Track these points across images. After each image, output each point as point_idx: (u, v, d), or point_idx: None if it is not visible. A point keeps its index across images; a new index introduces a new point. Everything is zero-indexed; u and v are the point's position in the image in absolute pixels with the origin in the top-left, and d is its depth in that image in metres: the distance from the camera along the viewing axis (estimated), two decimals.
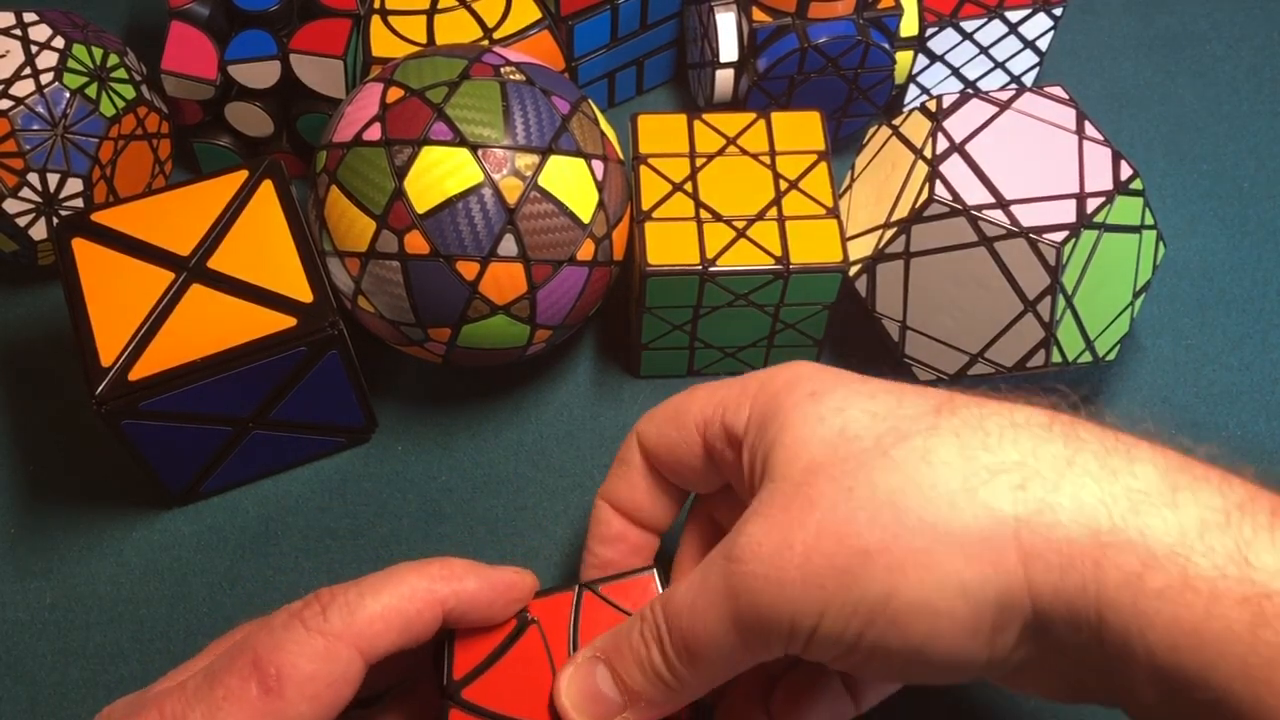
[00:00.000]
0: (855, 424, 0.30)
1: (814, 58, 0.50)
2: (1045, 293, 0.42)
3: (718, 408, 0.34)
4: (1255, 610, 0.25)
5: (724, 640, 0.30)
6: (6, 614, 0.45)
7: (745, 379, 0.34)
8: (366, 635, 0.30)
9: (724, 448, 0.34)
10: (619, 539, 0.38)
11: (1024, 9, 0.53)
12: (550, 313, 0.44)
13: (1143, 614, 0.25)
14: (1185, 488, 0.27)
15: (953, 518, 0.27)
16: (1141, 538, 0.26)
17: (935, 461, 0.28)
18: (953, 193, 0.42)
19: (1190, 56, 0.60)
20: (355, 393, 0.45)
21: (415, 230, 0.41)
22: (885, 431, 0.29)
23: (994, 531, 0.27)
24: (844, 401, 0.31)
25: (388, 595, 0.31)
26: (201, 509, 0.47)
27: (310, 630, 0.30)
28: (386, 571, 0.32)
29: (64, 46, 0.48)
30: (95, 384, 0.40)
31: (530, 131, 0.42)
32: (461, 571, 0.32)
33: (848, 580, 0.28)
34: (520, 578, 0.34)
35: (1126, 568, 0.26)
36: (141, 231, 0.43)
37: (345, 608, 0.31)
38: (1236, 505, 0.26)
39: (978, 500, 0.27)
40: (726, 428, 0.33)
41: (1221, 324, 0.52)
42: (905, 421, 0.29)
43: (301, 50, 0.49)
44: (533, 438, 0.49)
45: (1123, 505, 0.27)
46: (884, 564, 0.28)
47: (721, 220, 0.45)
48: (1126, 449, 0.28)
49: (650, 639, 0.31)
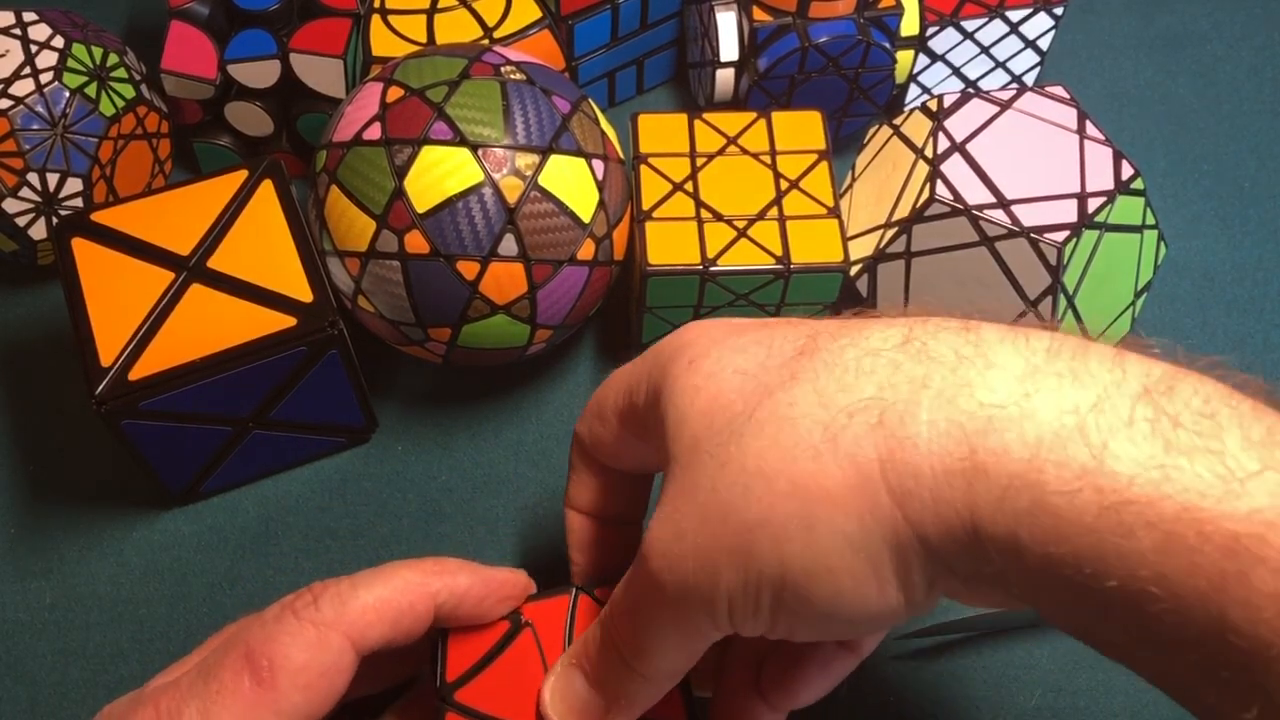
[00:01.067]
0: (727, 388, 0.29)
1: (815, 57, 0.50)
2: (1046, 292, 0.42)
3: (626, 393, 0.33)
4: (1113, 502, 0.23)
5: (660, 632, 0.30)
6: (6, 614, 0.45)
7: (646, 353, 0.33)
8: (358, 625, 0.31)
9: (643, 431, 0.33)
10: (596, 543, 0.38)
11: (1025, 8, 0.53)
12: (550, 313, 0.44)
13: (1020, 524, 0.24)
14: (1040, 390, 0.25)
15: (819, 472, 0.26)
16: (997, 458, 0.24)
17: (795, 415, 0.27)
18: (954, 192, 0.42)
19: (1191, 56, 0.60)
20: (355, 393, 0.45)
21: (415, 230, 0.41)
22: (752, 390, 0.28)
23: (861, 479, 0.26)
24: (716, 364, 0.30)
25: (380, 587, 0.31)
26: (201, 509, 0.47)
27: (302, 620, 0.30)
28: (380, 566, 0.32)
29: (64, 46, 0.48)
30: (95, 384, 0.40)
31: (530, 131, 0.42)
32: (454, 567, 0.33)
33: (739, 559, 0.27)
34: (514, 576, 0.34)
35: (992, 490, 0.24)
36: (141, 231, 0.43)
37: (337, 598, 0.31)
38: (1091, 405, 0.24)
39: (840, 449, 0.26)
40: (634, 410, 0.33)
41: (1222, 324, 0.52)
42: (769, 373, 0.28)
43: (301, 50, 0.49)
44: (533, 438, 0.49)
45: (978, 423, 0.25)
46: (769, 535, 0.27)
47: (722, 220, 0.45)
48: (983, 353, 0.26)
49: (607, 642, 0.32)
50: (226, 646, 0.31)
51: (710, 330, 0.31)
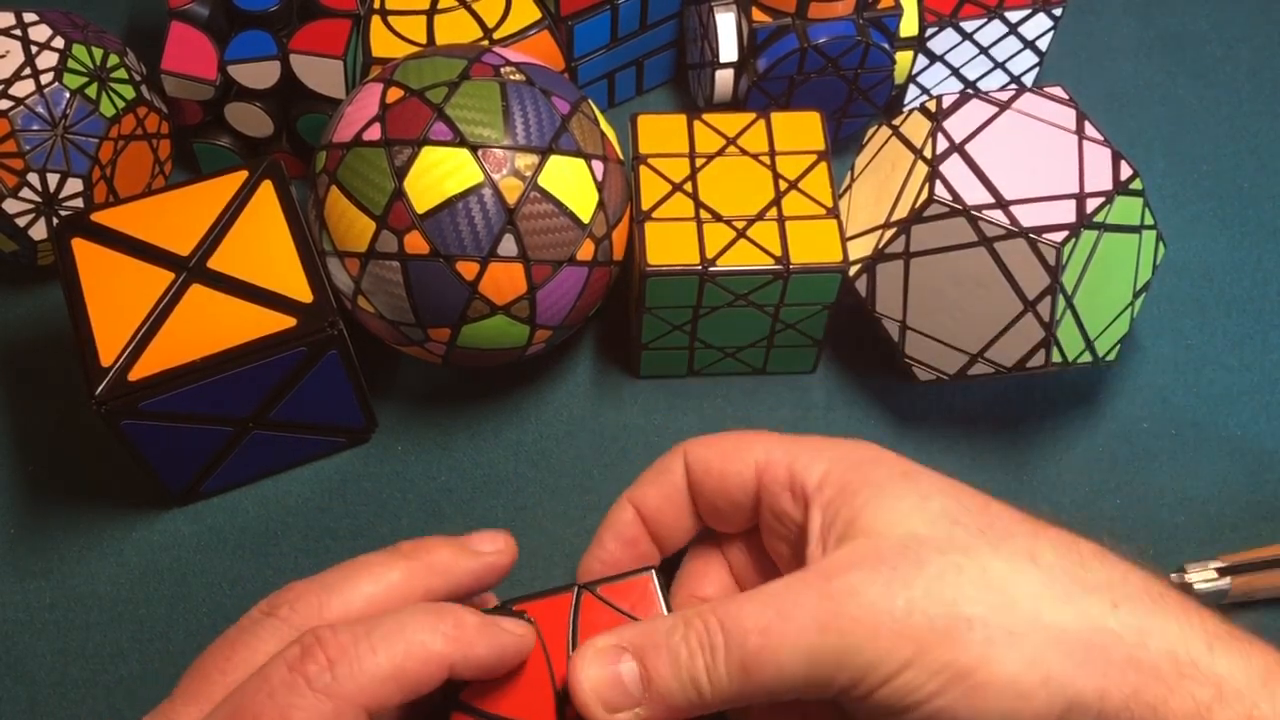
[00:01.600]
0: (954, 511, 0.32)
1: (814, 58, 0.50)
2: (1045, 293, 0.42)
3: (786, 455, 0.35)
4: None
5: (791, 670, 0.30)
6: (6, 614, 0.45)
7: (812, 440, 0.35)
8: (376, 696, 0.29)
9: (782, 493, 0.35)
10: (632, 542, 0.38)
11: (1024, 9, 0.53)
12: (550, 313, 0.44)
13: None
14: (1244, 639, 0.30)
15: (1053, 612, 0.29)
16: (1215, 675, 0.29)
17: (1041, 563, 0.30)
18: (953, 193, 0.42)
19: (1190, 56, 0.60)
20: (355, 393, 0.45)
21: (415, 230, 0.41)
22: (985, 526, 0.31)
23: (1089, 636, 0.29)
24: (935, 488, 0.33)
25: (399, 650, 0.29)
26: (201, 509, 0.47)
27: (317, 692, 0.28)
28: (398, 620, 0.30)
29: (64, 47, 0.48)
30: (95, 384, 0.40)
31: (530, 131, 0.42)
32: (473, 634, 0.31)
33: (944, 642, 0.29)
34: (523, 638, 0.32)
35: (1199, 699, 0.29)
36: (141, 231, 0.43)
37: (355, 664, 0.29)
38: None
39: (1078, 605, 0.30)
40: (794, 477, 0.34)
41: (1221, 324, 0.52)
42: (1004, 523, 0.32)
43: (301, 50, 0.49)
44: (533, 438, 0.49)
45: (1200, 644, 0.29)
46: (983, 635, 0.29)
47: (721, 220, 0.45)
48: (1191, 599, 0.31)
49: (699, 647, 0.31)
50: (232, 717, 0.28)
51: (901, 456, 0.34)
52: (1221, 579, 0.44)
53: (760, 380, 0.50)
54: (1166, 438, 0.49)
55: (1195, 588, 0.44)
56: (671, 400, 0.49)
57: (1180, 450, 0.49)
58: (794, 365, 0.50)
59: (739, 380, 0.50)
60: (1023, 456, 0.48)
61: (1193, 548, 0.46)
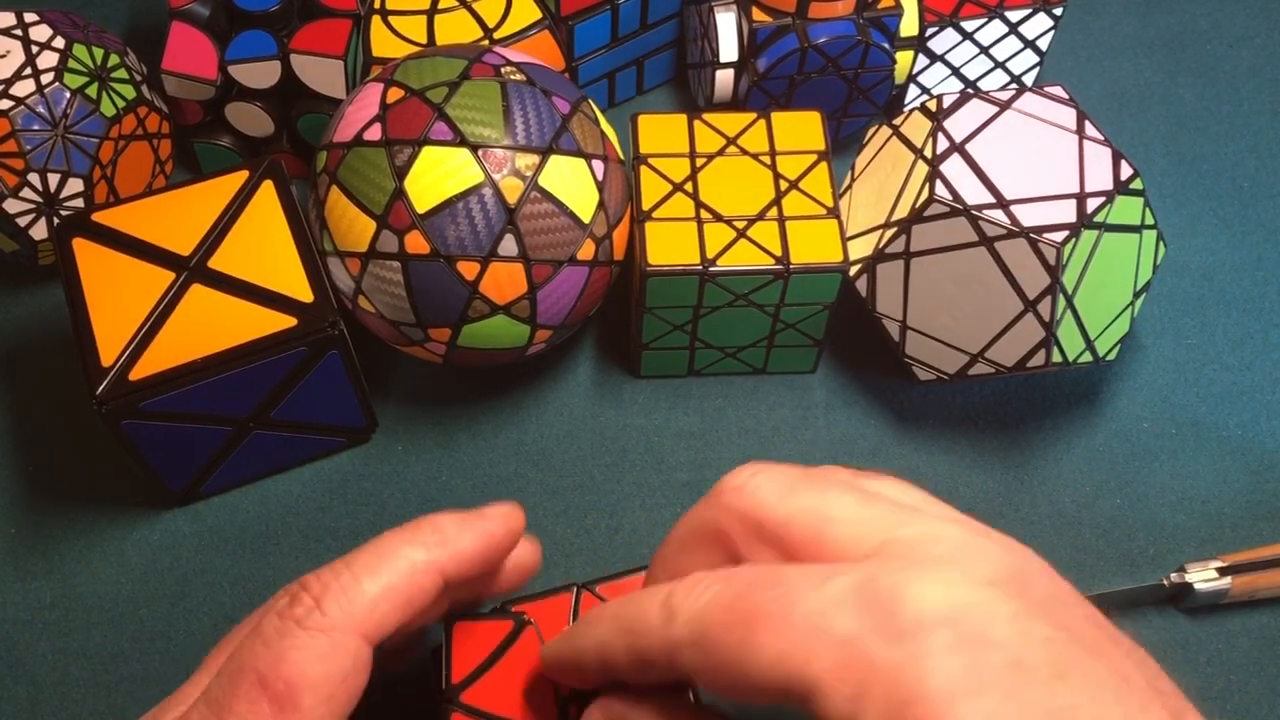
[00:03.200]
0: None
1: (814, 58, 0.50)
2: (1045, 293, 0.42)
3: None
4: None
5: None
6: (6, 614, 0.45)
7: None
8: (370, 621, 0.29)
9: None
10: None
11: (1024, 9, 0.53)
12: (550, 313, 0.44)
13: None
14: None
15: None
16: None
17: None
18: (953, 192, 0.42)
19: (1190, 56, 0.60)
20: (355, 393, 0.45)
21: (415, 230, 0.41)
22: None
23: None
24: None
25: (384, 572, 0.29)
26: (201, 509, 0.47)
27: (309, 629, 0.28)
28: (375, 545, 0.30)
29: (64, 47, 0.48)
30: (95, 384, 0.40)
31: (530, 131, 0.42)
32: (454, 532, 0.30)
33: None
34: (508, 519, 0.31)
35: None
36: (142, 231, 0.43)
37: (341, 595, 0.29)
38: None
39: None
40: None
41: (1221, 324, 0.52)
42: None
43: (302, 50, 0.49)
44: (533, 438, 0.49)
45: None
46: None
47: (722, 220, 0.45)
48: None
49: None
50: (233, 674, 0.29)
51: None
52: (1221, 579, 0.44)
53: (760, 380, 0.50)
54: (1167, 437, 0.49)
55: (1195, 588, 0.44)
56: (672, 400, 0.49)
57: (1180, 450, 0.49)
58: (794, 365, 0.50)
59: (739, 380, 0.50)
60: (1023, 456, 0.48)
61: (1193, 547, 0.46)
